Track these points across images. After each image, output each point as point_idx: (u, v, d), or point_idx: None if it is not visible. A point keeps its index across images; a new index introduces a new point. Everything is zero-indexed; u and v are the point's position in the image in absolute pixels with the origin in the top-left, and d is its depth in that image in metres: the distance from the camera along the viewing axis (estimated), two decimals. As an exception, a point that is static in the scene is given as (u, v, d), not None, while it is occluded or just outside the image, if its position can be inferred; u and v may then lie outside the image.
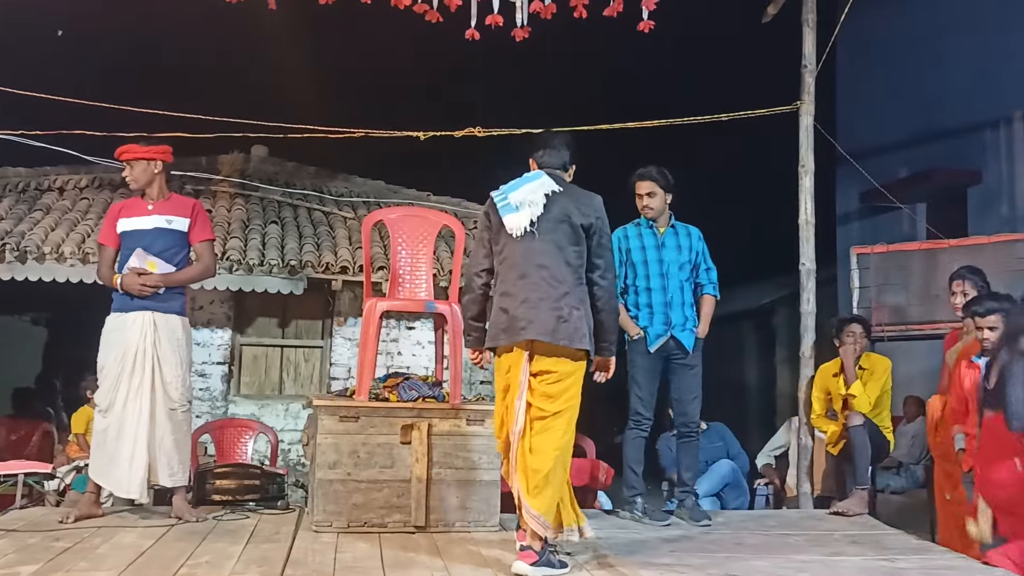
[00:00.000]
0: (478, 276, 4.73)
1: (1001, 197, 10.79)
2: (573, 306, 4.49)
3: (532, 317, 4.44)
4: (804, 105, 7.40)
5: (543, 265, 4.51)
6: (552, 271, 4.51)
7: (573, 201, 4.61)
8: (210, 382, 9.87)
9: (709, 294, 6.11)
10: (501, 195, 4.65)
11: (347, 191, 11.74)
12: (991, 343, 5.66)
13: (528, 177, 4.71)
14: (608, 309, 4.63)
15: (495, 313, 4.60)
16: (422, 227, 6.18)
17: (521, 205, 4.57)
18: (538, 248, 4.53)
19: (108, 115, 7.36)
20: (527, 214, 4.54)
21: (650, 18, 6.14)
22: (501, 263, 4.63)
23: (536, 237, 4.53)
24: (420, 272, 6.08)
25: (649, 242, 6.00)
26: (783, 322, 15.45)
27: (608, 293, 4.63)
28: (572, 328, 4.46)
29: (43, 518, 5.56)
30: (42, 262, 8.93)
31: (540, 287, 4.48)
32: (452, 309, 5.84)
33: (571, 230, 4.55)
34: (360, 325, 6.27)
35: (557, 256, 4.53)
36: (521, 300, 4.48)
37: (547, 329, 4.43)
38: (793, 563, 4.88)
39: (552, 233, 4.54)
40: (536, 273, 4.50)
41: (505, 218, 4.57)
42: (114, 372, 5.47)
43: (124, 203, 5.83)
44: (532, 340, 4.45)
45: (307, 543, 5.04)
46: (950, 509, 6.53)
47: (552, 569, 4.40)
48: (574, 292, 4.52)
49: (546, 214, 4.55)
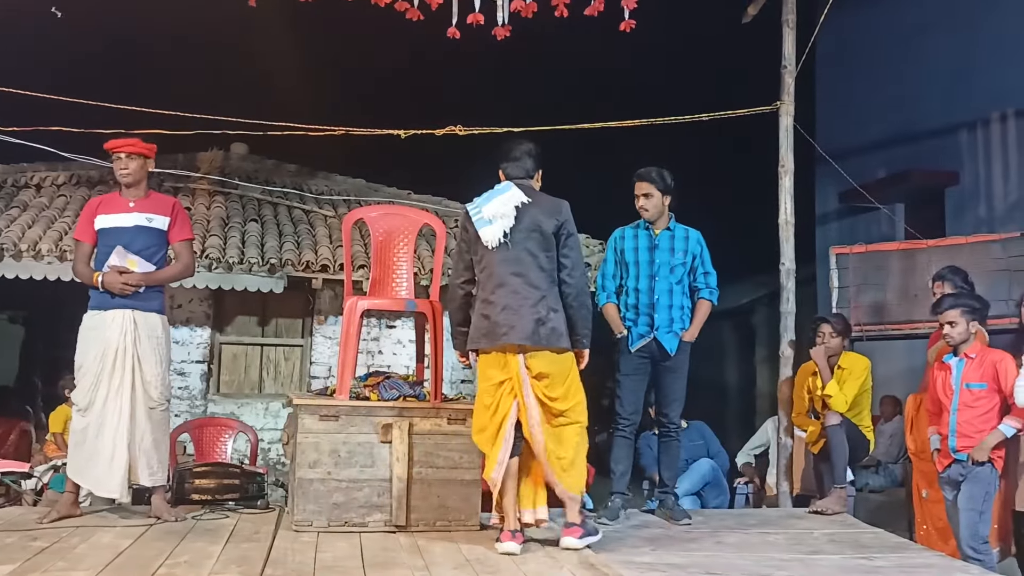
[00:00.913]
0: (460, 287, 5.07)
1: (978, 198, 10.87)
2: (551, 308, 4.83)
3: (513, 322, 4.77)
4: (784, 105, 7.43)
5: (519, 273, 4.84)
6: (527, 278, 4.83)
7: (541, 210, 4.92)
8: (189, 381, 9.82)
9: (704, 298, 6.06)
10: (475, 208, 4.97)
11: (327, 189, 11.70)
12: (952, 338, 5.76)
13: (499, 189, 4.99)
14: (577, 305, 4.91)
15: (477, 319, 4.93)
16: (403, 225, 6.16)
17: (494, 218, 4.89)
18: (512, 257, 4.86)
19: (85, 111, 7.31)
20: (500, 226, 4.87)
21: (631, 18, 6.15)
22: (480, 272, 4.95)
23: (510, 247, 4.86)
24: (401, 271, 6.06)
25: (643, 243, 5.97)
26: (763, 321, 15.52)
27: (576, 289, 4.92)
28: (550, 329, 4.80)
29: (20, 517, 5.52)
30: (19, 260, 8.86)
31: (518, 294, 4.81)
32: (433, 308, 5.83)
33: (542, 237, 4.88)
34: (340, 324, 6.25)
35: (531, 263, 4.85)
36: (501, 307, 4.80)
37: (527, 333, 4.77)
38: (773, 561, 4.91)
39: (525, 242, 4.86)
40: (513, 281, 4.83)
41: (480, 231, 4.90)
42: (93, 371, 5.42)
43: (102, 199, 5.76)
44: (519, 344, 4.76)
45: (287, 543, 5.02)
46: (927, 507, 6.59)
47: (594, 537, 4.97)
48: (550, 295, 4.86)
49: (518, 225, 4.88)
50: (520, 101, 15.33)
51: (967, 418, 5.69)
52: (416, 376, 5.95)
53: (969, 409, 5.70)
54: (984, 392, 5.67)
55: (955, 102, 11.05)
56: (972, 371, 5.72)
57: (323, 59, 16.47)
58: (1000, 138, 10.59)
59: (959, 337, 5.74)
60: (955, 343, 5.78)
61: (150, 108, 7.23)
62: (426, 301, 5.90)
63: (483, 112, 7.99)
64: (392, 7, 6.18)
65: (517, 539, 4.87)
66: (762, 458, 9.28)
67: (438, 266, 6.27)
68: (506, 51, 6.71)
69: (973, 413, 5.69)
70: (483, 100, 14.53)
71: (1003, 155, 10.57)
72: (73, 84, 7.94)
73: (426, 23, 6.17)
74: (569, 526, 4.93)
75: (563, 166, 5.71)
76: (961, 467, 5.70)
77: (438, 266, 6.27)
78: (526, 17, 6.19)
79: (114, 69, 14.64)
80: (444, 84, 16.98)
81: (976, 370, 5.71)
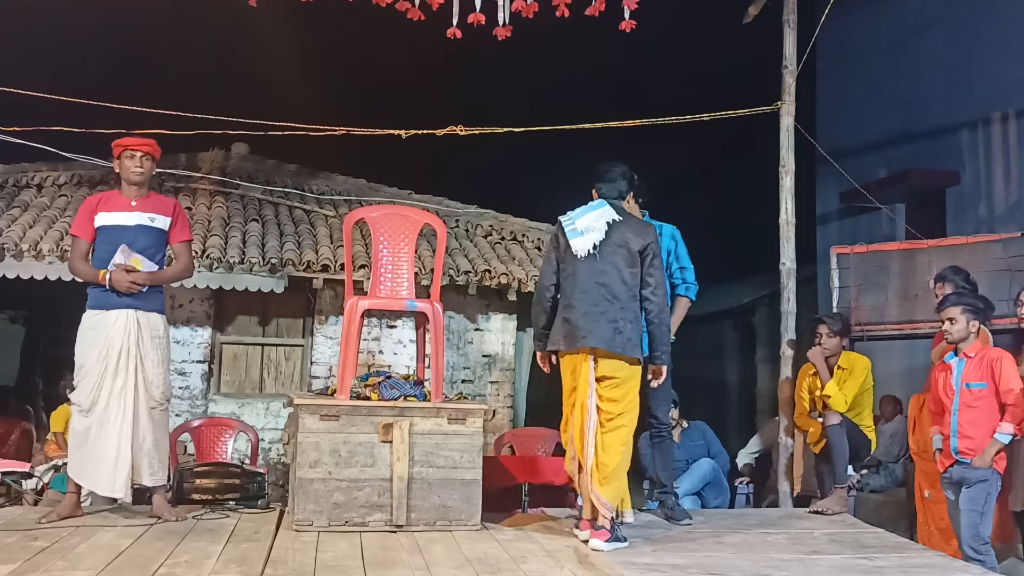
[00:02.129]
0: (547, 290, 5.39)
1: (979, 198, 10.87)
2: (628, 320, 5.16)
3: (592, 328, 5.10)
4: (784, 105, 7.43)
5: (603, 283, 5.18)
6: (610, 288, 5.17)
7: (631, 229, 5.29)
8: (190, 380, 9.81)
9: (681, 295, 6.09)
10: (569, 220, 5.32)
11: (328, 189, 11.69)
12: (951, 335, 5.76)
13: (592, 205, 5.37)
14: (658, 322, 5.29)
15: (558, 322, 5.27)
16: (404, 225, 6.15)
17: (586, 231, 5.25)
18: (599, 268, 5.20)
19: (85, 111, 7.31)
20: (591, 238, 5.22)
21: (631, 18, 6.14)
22: (566, 279, 5.28)
23: (597, 259, 5.20)
24: (402, 271, 6.06)
25: None
26: (764, 321, 15.51)
27: (658, 307, 5.28)
28: (626, 339, 5.12)
29: (21, 517, 5.53)
30: (20, 259, 8.85)
31: (600, 302, 5.15)
32: (433, 308, 5.83)
33: (628, 254, 5.22)
34: (341, 324, 6.25)
35: (615, 276, 5.19)
36: (583, 312, 5.14)
37: (605, 339, 5.09)
38: (773, 561, 4.91)
39: (612, 256, 5.21)
40: (596, 289, 5.17)
41: (572, 241, 5.25)
42: (96, 371, 5.42)
43: (101, 196, 5.73)
44: (593, 348, 5.09)
45: (287, 542, 5.03)
46: (929, 507, 6.59)
47: (620, 544, 5.12)
48: (628, 308, 5.18)
49: (607, 239, 5.23)
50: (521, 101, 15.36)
51: (968, 418, 5.69)
52: (416, 376, 5.95)
53: (970, 409, 5.69)
54: (984, 392, 5.66)
55: (955, 102, 11.05)
56: (972, 371, 5.72)
57: (324, 59, 16.47)
58: (1000, 138, 10.59)
59: (958, 335, 5.74)
60: (954, 340, 5.78)
61: (151, 108, 7.23)
62: (427, 301, 5.90)
63: (484, 112, 7.99)
64: (393, 7, 6.18)
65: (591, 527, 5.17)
66: (763, 459, 9.28)
67: (438, 266, 6.26)
68: (507, 51, 6.71)
69: (974, 413, 5.68)
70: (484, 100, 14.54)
71: (1004, 155, 10.56)
72: (73, 84, 7.95)
73: (427, 23, 6.16)
74: (598, 528, 5.11)
75: (563, 166, 5.71)
76: (963, 468, 5.70)
77: (438, 266, 6.26)
78: (527, 17, 6.19)
79: (114, 69, 14.64)
80: (445, 84, 16.98)
81: (976, 370, 5.71)
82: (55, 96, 7.36)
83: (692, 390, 6.07)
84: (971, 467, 5.64)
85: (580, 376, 5.15)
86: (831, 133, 12.23)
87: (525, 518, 5.95)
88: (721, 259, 16.56)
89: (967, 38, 10.96)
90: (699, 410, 11.29)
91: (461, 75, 15.93)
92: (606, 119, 7.72)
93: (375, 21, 7.04)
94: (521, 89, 17.02)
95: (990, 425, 5.63)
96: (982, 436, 5.63)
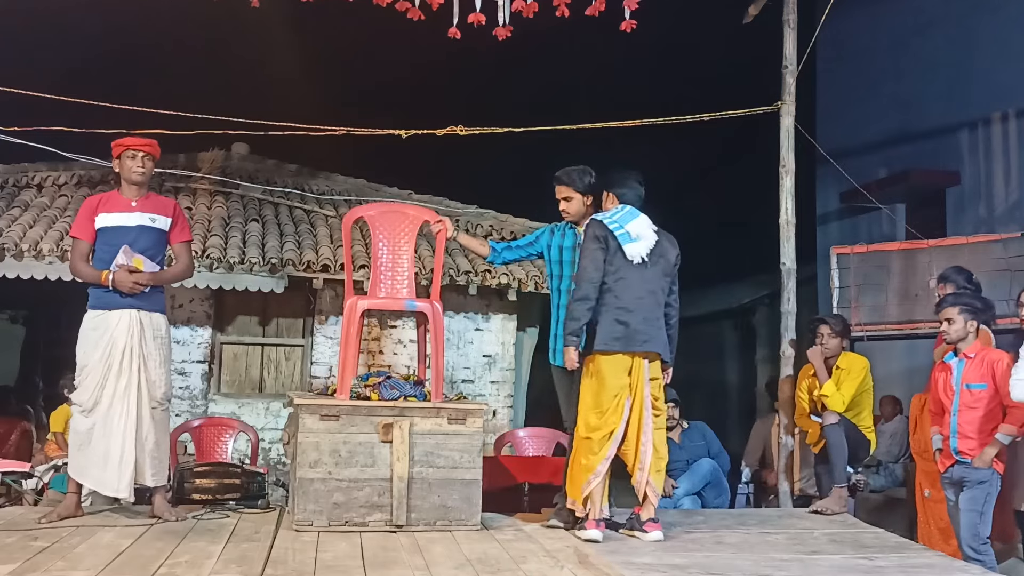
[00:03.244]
0: (597, 290, 5.36)
1: (979, 198, 10.87)
2: (668, 326, 5.51)
3: (652, 334, 5.38)
4: (785, 105, 7.43)
5: (652, 291, 5.42)
6: (657, 297, 5.45)
7: (667, 239, 5.55)
8: (190, 380, 9.81)
9: None
10: (616, 224, 5.38)
11: (328, 189, 11.70)
12: (948, 335, 5.77)
13: (632, 212, 5.48)
14: (675, 326, 5.61)
15: (610, 324, 5.31)
16: (403, 223, 6.10)
17: (639, 237, 5.38)
18: (649, 276, 5.42)
19: (85, 111, 7.31)
20: (645, 245, 5.39)
21: (632, 18, 6.14)
22: (616, 282, 5.36)
23: (647, 267, 5.40)
24: (401, 270, 6.03)
25: (568, 242, 5.85)
26: (763, 321, 15.52)
27: (678, 315, 5.63)
28: (670, 344, 5.52)
29: (21, 517, 5.52)
30: (20, 259, 8.86)
31: (654, 309, 5.42)
32: (433, 308, 5.82)
33: (667, 264, 5.51)
34: (341, 324, 6.25)
35: (658, 285, 5.46)
36: (643, 318, 5.34)
37: (662, 345, 5.44)
38: (773, 561, 4.91)
39: (656, 265, 5.44)
40: (649, 297, 5.40)
41: (625, 246, 5.34)
42: (99, 371, 5.42)
43: (101, 197, 5.72)
44: (651, 352, 5.36)
45: (287, 542, 5.03)
46: (929, 507, 6.59)
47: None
48: (663, 314, 5.49)
49: (654, 248, 5.43)
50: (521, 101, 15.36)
51: (968, 419, 5.69)
52: (417, 376, 5.95)
53: (970, 410, 5.69)
54: (984, 393, 5.66)
55: (955, 102, 11.05)
56: (972, 371, 5.72)
57: (324, 59, 16.47)
58: (1000, 138, 10.59)
59: (955, 335, 5.74)
60: (952, 340, 5.78)
61: (151, 108, 7.23)
62: (426, 301, 5.89)
63: (484, 112, 7.99)
64: (393, 7, 6.18)
65: (601, 527, 5.27)
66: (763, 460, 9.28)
67: (438, 265, 6.23)
68: (507, 51, 6.71)
69: (974, 414, 5.68)
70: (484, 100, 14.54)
71: (1004, 155, 10.56)
72: (73, 84, 7.95)
73: (427, 23, 6.16)
74: (655, 521, 5.39)
75: (563, 166, 5.72)
76: (963, 468, 5.70)
77: (438, 265, 6.23)
78: (527, 17, 6.18)
79: (114, 69, 14.64)
80: (445, 84, 16.98)
81: (976, 370, 5.71)
82: (55, 96, 7.35)
83: (692, 390, 6.07)
84: (971, 467, 5.63)
85: (638, 377, 5.35)
86: (831, 133, 12.23)
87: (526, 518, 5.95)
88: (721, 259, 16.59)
89: (967, 38, 10.96)
90: (699, 410, 11.31)
91: (461, 75, 15.93)
92: (606, 119, 7.71)
93: (375, 21, 7.05)
94: (521, 89, 17.02)
95: (990, 426, 5.63)
96: (982, 437, 5.63)
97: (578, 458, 5.36)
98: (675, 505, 7.29)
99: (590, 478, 5.27)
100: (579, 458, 5.35)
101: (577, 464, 5.36)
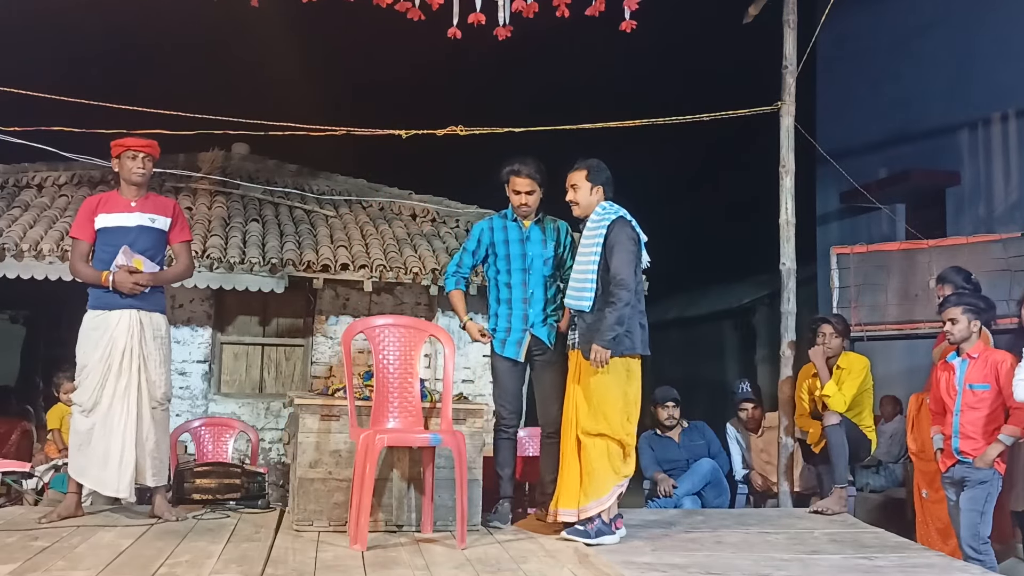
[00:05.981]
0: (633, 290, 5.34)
1: (979, 198, 10.87)
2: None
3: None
4: (785, 106, 7.43)
5: None
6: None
7: None
8: (190, 380, 9.81)
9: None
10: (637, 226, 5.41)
11: (329, 189, 11.69)
12: (952, 336, 5.76)
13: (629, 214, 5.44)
14: None
15: (638, 327, 5.35)
16: (409, 339, 5.53)
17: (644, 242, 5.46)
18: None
19: (85, 111, 7.31)
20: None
21: (632, 18, 6.14)
22: (638, 284, 5.39)
23: None
24: (410, 392, 5.48)
25: (513, 235, 5.78)
26: (763, 321, 15.52)
27: None
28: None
29: (21, 517, 5.53)
30: (20, 259, 8.86)
31: None
32: (457, 440, 5.19)
33: None
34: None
35: None
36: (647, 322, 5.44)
37: None
38: (773, 561, 4.92)
39: None
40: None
41: (644, 251, 5.45)
42: (99, 371, 5.42)
43: (101, 198, 5.72)
44: None
45: (288, 542, 5.03)
46: (928, 507, 6.59)
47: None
48: None
49: None
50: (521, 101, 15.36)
51: (970, 419, 5.69)
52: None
53: (972, 411, 5.69)
54: (987, 393, 5.66)
55: (955, 102, 11.05)
56: (975, 372, 5.72)
57: (324, 59, 16.48)
58: (1000, 138, 10.59)
59: (959, 335, 5.74)
60: (955, 341, 5.78)
61: (151, 108, 7.22)
62: (449, 432, 5.26)
63: (484, 112, 7.99)
64: (393, 7, 6.17)
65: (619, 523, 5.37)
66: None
67: (447, 386, 5.51)
68: (507, 51, 6.71)
69: (976, 415, 5.68)
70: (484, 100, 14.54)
71: (1003, 155, 10.56)
72: (73, 84, 7.94)
73: (427, 23, 6.16)
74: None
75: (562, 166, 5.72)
76: (964, 468, 5.70)
77: (447, 386, 5.51)
78: (527, 17, 6.18)
79: (114, 69, 14.66)
80: (445, 84, 16.99)
81: (979, 371, 5.71)
82: (55, 96, 7.35)
83: (692, 390, 6.07)
84: (972, 467, 5.64)
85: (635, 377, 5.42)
86: (831, 133, 12.23)
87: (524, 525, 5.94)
88: (721, 259, 16.60)
89: (967, 38, 10.96)
90: (699, 410, 11.31)
91: (461, 75, 15.95)
92: (606, 119, 7.70)
93: (375, 21, 7.04)
94: (521, 89, 17.03)
95: (992, 426, 5.63)
96: (984, 437, 5.64)
97: (605, 461, 5.23)
98: (675, 505, 7.29)
99: (622, 482, 5.31)
100: (608, 462, 5.24)
101: (604, 469, 5.22)
